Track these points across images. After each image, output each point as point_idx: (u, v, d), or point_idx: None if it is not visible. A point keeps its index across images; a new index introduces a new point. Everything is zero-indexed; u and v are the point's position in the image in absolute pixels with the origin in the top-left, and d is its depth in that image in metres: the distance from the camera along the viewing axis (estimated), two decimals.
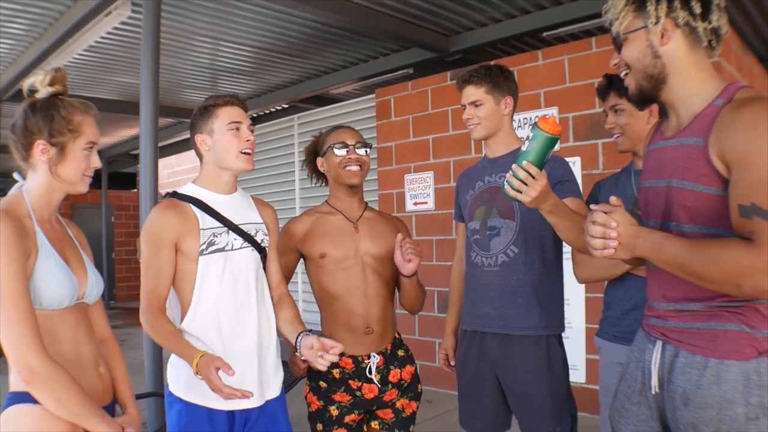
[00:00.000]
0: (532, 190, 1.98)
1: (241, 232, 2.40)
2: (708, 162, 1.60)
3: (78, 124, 1.94)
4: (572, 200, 2.51)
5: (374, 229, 2.74)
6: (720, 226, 1.61)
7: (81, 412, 1.78)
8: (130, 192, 16.18)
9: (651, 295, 1.86)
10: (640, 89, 1.79)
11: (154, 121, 4.48)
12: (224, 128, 2.36)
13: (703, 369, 1.64)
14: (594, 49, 5.33)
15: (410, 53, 6.89)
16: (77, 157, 1.95)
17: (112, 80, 7.80)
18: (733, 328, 1.62)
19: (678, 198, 1.68)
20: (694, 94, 1.71)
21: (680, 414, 1.68)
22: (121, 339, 10.07)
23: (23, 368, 1.72)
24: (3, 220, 1.78)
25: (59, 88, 1.99)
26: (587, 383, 5.09)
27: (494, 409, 2.69)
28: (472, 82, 2.68)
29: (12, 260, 1.74)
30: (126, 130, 11.16)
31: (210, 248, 2.32)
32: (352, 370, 2.64)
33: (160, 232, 2.29)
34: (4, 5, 5.35)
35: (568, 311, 3.01)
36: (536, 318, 2.58)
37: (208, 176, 2.43)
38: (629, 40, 1.76)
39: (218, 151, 2.37)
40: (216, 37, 6.36)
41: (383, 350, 2.69)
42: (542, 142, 1.96)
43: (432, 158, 6.51)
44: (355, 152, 2.69)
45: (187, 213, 2.32)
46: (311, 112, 8.46)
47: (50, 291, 1.84)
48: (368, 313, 2.65)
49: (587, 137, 5.31)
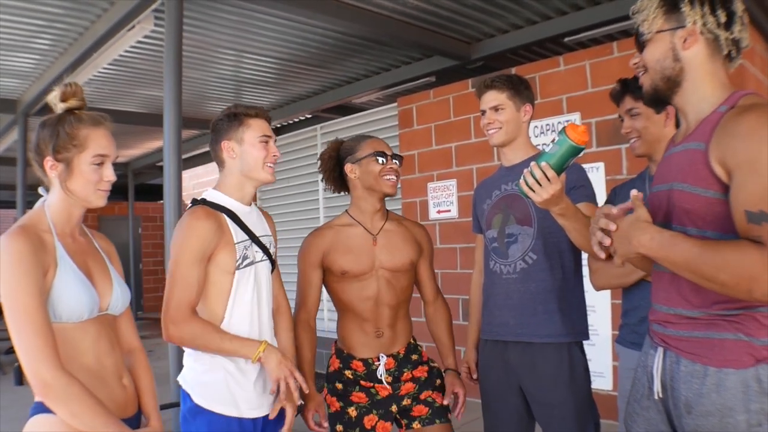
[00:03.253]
0: (545, 192, 1.99)
1: (261, 244, 2.44)
2: (707, 166, 1.61)
3: (83, 138, 1.94)
4: (586, 205, 2.51)
5: (392, 241, 2.77)
6: (718, 228, 1.62)
7: (97, 424, 1.79)
8: (156, 203, 16.34)
9: (653, 298, 1.87)
10: (655, 89, 1.81)
11: (178, 133, 4.52)
12: (256, 140, 2.39)
13: (704, 378, 1.64)
14: (616, 53, 5.29)
15: (432, 61, 6.89)
16: (84, 172, 1.95)
17: (137, 93, 7.89)
18: (730, 337, 1.62)
19: (679, 201, 1.69)
20: (703, 101, 1.73)
21: (684, 422, 1.69)
22: (149, 349, 10.09)
23: (37, 381, 1.75)
24: (19, 236, 1.81)
25: (74, 103, 1.99)
26: (613, 390, 5.04)
27: (517, 418, 2.67)
28: (495, 87, 2.69)
29: (27, 275, 1.77)
30: (151, 142, 11.26)
31: (245, 262, 2.34)
32: (363, 373, 2.71)
33: (202, 243, 2.24)
34: (29, 21, 5.44)
35: (594, 318, 2.99)
36: (557, 325, 2.57)
37: (234, 185, 2.43)
38: (653, 40, 1.77)
39: (246, 160, 2.39)
40: (238, 49, 6.41)
41: (395, 353, 2.74)
42: (566, 149, 1.95)
43: (455, 166, 6.50)
44: (392, 162, 2.73)
45: (222, 224, 2.33)
46: (334, 121, 8.48)
47: (68, 304, 1.86)
48: (378, 318, 2.72)
49: (610, 142, 5.27)
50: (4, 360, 9.17)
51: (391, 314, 2.74)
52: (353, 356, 2.74)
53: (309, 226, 8.30)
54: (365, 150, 2.75)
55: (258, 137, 2.39)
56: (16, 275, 1.76)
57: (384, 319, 2.73)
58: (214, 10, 5.35)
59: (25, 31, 5.68)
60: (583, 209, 2.36)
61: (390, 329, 2.74)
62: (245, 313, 2.33)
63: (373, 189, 2.73)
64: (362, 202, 2.78)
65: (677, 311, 1.73)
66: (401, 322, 2.80)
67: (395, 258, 2.75)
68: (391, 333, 2.75)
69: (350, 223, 2.79)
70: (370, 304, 2.71)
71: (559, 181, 1.99)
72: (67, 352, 1.82)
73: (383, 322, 2.73)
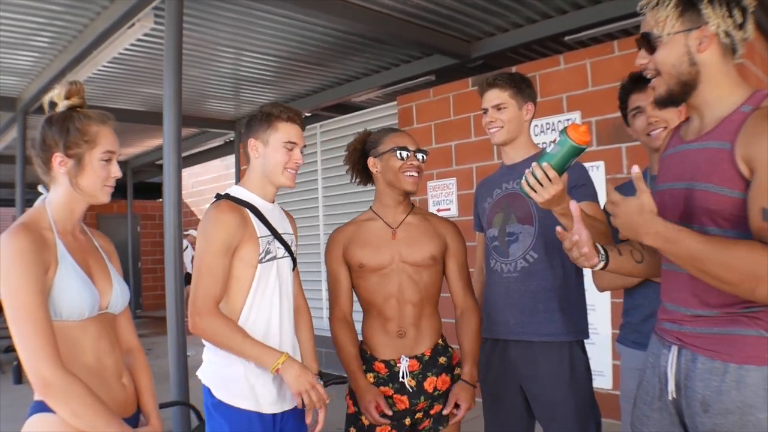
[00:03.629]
0: (546, 192, 1.98)
1: (282, 241, 2.46)
2: (734, 165, 1.59)
3: (94, 134, 1.95)
4: (587, 204, 2.50)
5: (413, 235, 2.69)
6: (742, 228, 1.59)
7: (98, 423, 1.79)
8: (155, 202, 16.35)
9: (665, 298, 1.84)
10: (670, 94, 1.76)
11: (177, 131, 4.51)
12: (280, 144, 2.40)
13: (723, 375, 1.62)
14: (616, 52, 5.29)
15: (432, 60, 6.89)
16: (95, 168, 1.96)
17: (137, 91, 7.89)
18: (751, 333, 1.60)
19: (701, 201, 1.67)
20: (721, 100, 1.70)
21: (699, 421, 1.67)
22: (148, 348, 10.14)
23: (38, 379, 1.74)
24: (20, 234, 1.80)
25: (76, 101, 2.00)
26: (613, 389, 5.04)
27: (518, 417, 2.67)
28: (497, 85, 2.68)
29: (28, 273, 1.76)
30: (151, 141, 11.26)
31: (267, 256, 2.37)
32: (386, 375, 2.63)
33: (227, 235, 2.28)
34: (28, 19, 5.44)
35: (594, 317, 2.99)
36: (558, 324, 2.56)
37: (257, 182, 2.46)
38: (667, 43, 1.72)
39: (268, 162, 2.42)
40: (238, 47, 6.41)
41: (419, 355, 2.65)
42: (567, 150, 1.94)
43: (454, 164, 6.50)
44: (415, 158, 2.67)
45: (246, 218, 2.36)
46: (334, 120, 8.47)
47: (69, 302, 1.86)
48: (401, 316, 2.63)
49: (611, 141, 5.27)
50: (3, 358, 9.17)
51: (414, 312, 2.64)
52: (375, 357, 2.67)
53: (308, 225, 8.33)
54: (387, 144, 2.69)
55: (283, 142, 2.40)
56: (17, 273, 1.75)
57: (407, 318, 2.63)
58: (214, 8, 5.34)
59: (25, 29, 5.68)
60: (585, 208, 2.33)
61: (414, 328, 2.65)
62: (264, 309, 2.36)
63: (393, 185, 2.68)
64: (384, 196, 2.74)
65: (695, 312, 1.71)
66: (427, 320, 2.69)
67: (415, 252, 2.65)
68: (416, 332, 2.65)
69: (371, 218, 2.75)
70: (392, 301, 2.63)
71: (561, 181, 1.98)
72: (67, 351, 1.82)
73: (406, 321, 2.63)
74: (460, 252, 2.78)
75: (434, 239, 2.69)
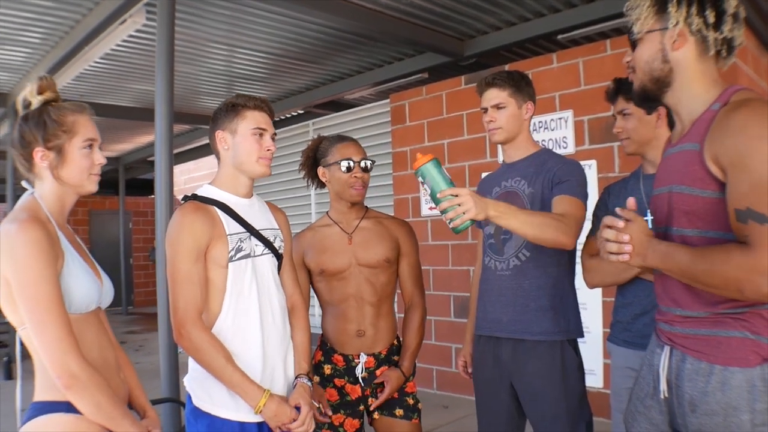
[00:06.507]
0: (465, 204, 2.08)
1: (261, 237, 2.36)
2: (703, 166, 1.61)
3: (71, 124, 1.95)
4: (561, 197, 2.48)
5: (367, 239, 2.82)
6: (719, 228, 1.62)
7: (116, 416, 1.81)
8: (147, 198, 16.32)
9: (659, 300, 1.86)
10: (644, 89, 1.82)
11: (169, 128, 4.51)
12: (248, 132, 2.31)
13: (709, 376, 1.64)
14: (609, 51, 5.30)
15: (424, 58, 6.90)
16: (77, 157, 1.95)
17: (128, 87, 7.87)
18: (736, 334, 1.62)
19: (678, 203, 1.70)
20: (695, 100, 1.73)
21: (689, 420, 1.69)
22: (139, 344, 10.13)
23: (63, 372, 1.73)
24: (33, 225, 1.79)
25: (50, 95, 1.99)
26: (604, 388, 5.05)
27: (508, 415, 2.67)
28: (496, 84, 2.67)
29: (46, 264, 1.76)
30: (142, 137, 11.24)
31: (238, 254, 2.26)
32: (342, 368, 2.79)
33: (195, 239, 2.17)
34: (19, 14, 5.42)
35: (585, 316, 2.99)
36: (549, 323, 2.56)
37: (227, 178, 2.36)
38: (644, 40, 1.78)
39: (238, 152, 2.31)
40: (230, 44, 6.40)
41: (377, 353, 2.81)
42: (429, 173, 2.15)
43: (447, 163, 6.48)
44: (359, 169, 2.76)
45: (214, 217, 2.25)
46: (326, 117, 8.47)
47: (79, 294, 1.86)
48: (360, 317, 2.78)
49: (602, 140, 5.28)
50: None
51: (373, 312, 2.80)
52: (335, 350, 2.81)
53: (300, 222, 8.32)
54: (335, 155, 2.78)
55: (251, 129, 2.30)
56: (37, 264, 1.74)
57: (366, 318, 2.79)
58: (206, 4, 5.33)
59: (16, 24, 5.66)
60: (556, 202, 2.45)
61: (373, 328, 2.80)
62: (241, 312, 2.24)
63: (340, 195, 2.80)
64: (337, 204, 2.86)
65: (684, 312, 1.73)
66: (384, 320, 2.84)
67: (370, 255, 2.79)
68: (374, 332, 2.80)
69: (328, 224, 2.88)
70: (351, 301, 2.78)
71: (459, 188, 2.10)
72: None
73: (366, 321, 2.79)
74: (411, 252, 2.95)
75: (388, 242, 2.84)
